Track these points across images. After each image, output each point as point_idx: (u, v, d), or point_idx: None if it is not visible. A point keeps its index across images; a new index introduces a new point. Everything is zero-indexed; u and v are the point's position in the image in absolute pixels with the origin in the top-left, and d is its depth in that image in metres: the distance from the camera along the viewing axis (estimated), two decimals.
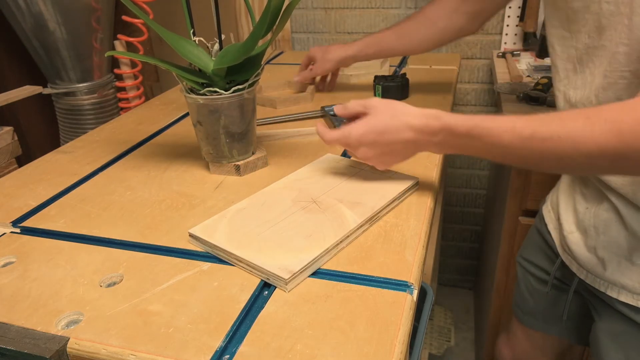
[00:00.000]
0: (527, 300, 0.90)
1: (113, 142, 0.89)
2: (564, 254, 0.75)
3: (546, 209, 0.83)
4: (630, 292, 0.63)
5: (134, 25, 1.44)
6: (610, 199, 0.63)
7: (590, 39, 0.58)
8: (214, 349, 0.43)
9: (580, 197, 0.70)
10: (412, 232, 0.59)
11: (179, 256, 0.56)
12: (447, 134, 0.57)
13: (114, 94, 1.51)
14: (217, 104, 0.69)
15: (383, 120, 0.60)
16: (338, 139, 0.63)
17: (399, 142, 0.60)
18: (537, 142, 0.50)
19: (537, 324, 0.91)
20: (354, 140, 0.61)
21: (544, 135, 0.50)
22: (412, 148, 0.61)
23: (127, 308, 0.48)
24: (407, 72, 1.12)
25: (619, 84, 0.56)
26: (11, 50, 1.44)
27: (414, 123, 0.58)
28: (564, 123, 0.49)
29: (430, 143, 0.59)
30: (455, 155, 1.64)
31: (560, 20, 0.63)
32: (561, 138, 0.49)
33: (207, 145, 0.73)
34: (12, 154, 1.20)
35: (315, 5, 1.53)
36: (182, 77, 0.68)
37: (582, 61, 0.61)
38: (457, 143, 0.57)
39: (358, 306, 0.47)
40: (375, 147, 0.61)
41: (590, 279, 0.69)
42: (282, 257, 0.52)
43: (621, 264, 0.64)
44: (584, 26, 0.59)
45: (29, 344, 0.44)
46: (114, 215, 0.65)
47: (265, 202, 0.63)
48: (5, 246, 0.60)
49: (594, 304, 0.73)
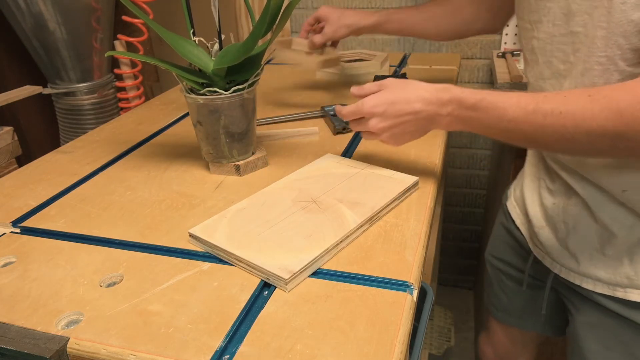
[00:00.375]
0: (501, 298, 0.91)
1: (113, 142, 0.89)
2: (536, 249, 0.76)
3: (511, 204, 0.83)
4: (605, 284, 0.64)
5: (134, 25, 1.44)
6: (580, 192, 0.64)
7: (555, 27, 0.58)
8: (214, 349, 0.43)
9: (547, 193, 0.70)
10: (412, 232, 0.59)
11: (179, 256, 0.56)
12: (456, 106, 0.58)
13: (114, 94, 1.51)
14: (217, 104, 0.69)
15: (394, 92, 0.61)
16: (353, 111, 0.64)
17: (409, 113, 0.60)
18: (539, 116, 0.51)
19: (513, 320, 0.92)
20: (366, 111, 0.62)
21: (545, 110, 0.51)
22: (423, 122, 0.61)
23: (127, 308, 0.48)
24: (407, 72, 1.12)
25: (595, 70, 0.55)
26: (11, 50, 1.44)
27: (424, 94, 0.60)
28: (566, 100, 0.50)
29: (439, 116, 0.60)
30: (455, 155, 1.64)
31: (523, 12, 0.64)
32: (562, 113, 0.50)
33: (207, 145, 0.73)
34: (12, 154, 1.20)
35: (315, 5, 1.53)
36: (182, 77, 0.68)
37: (545, 51, 0.62)
38: (464, 116, 0.58)
39: (358, 306, 0.47)
40: (386, 118, 0.61)
41: (564, 272, 0.70)
42: (282, 257, 0.52)
43: (593, 257, 0.65)
44: (545, 15, 0.59)
45: (29, 344, 0.44)
46: (114, 215, 0.65)
47: (265, 202, 0.63)
48: (5, 246, 0.60)
49: (571, 298, 0.73)
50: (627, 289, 0.63)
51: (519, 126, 0.53)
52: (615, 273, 0.63)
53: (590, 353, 0.70)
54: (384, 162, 0.75)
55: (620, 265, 0.62)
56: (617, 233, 0.61)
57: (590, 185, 0.63)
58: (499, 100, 0.55)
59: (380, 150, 0.80)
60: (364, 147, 0.82)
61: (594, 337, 0.69)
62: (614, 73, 0.54)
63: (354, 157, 0.79)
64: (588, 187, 0.63)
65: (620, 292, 0.63)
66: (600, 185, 0.61)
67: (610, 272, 0.63)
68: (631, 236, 0.61)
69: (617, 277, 0.63)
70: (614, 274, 0.63)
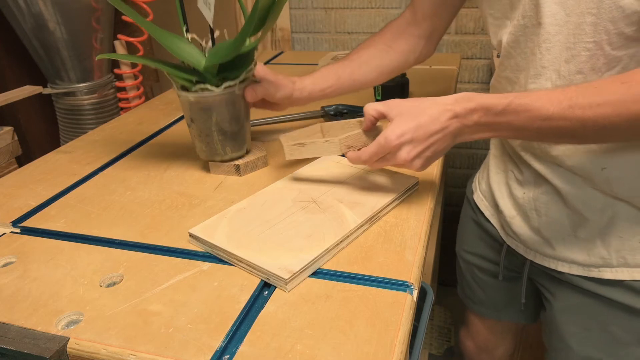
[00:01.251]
0: (476, 291, 0.92)
1: (113, 142, 0.89)
2: (509, 239, 0.77)
3: (478, 198, 0.84)
4: (580, 265, 0.67)
5: (134, 25, 1.43)
6: (550, 180, 0.65)
7: (526, 18, 0.60)
8: (214, 349, 0.43)
9: (516, 184, 0.72)
10: (412, 232, 0.59)
11: (179, 256, 0.56)
12: (482, 113, 0.56)
13: (114, 94, 1.51)
14: (208, 101, 0.69)
15: (413, 114, 0.57)
16: (376, 151, 0.58)
17: (438, 131, 0.57)
18: (578, 111, 0.51)
19: (488, 312, 0.93)
20: (393, 145, 0.57)
21: (583, 104, 0.50)
22: (450, 137, 0.58)
23: (127, 308, 0.48)
24: (407, 72, 1.12)
25: (582, 56, 0.56)
26: (11, 50, 1.44)
27: (447, 107, 0.56)
28: (599, 90, 0.50)
29: (465, 127, 0.57)
30: (455, 155, 1.64)
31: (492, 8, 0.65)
32: (600, 105, 0.49)
33: (200, 142, 0.73)
34: (12, 154, 1.20)
35: (315, 5, 1.53)
36: (173, 75, 0.68)
37: (519, 43, 0.62)
38: (493, 122, 0.56)
39: (358, 306, 0.47)
40: (415, 144, 0.57)
41: (539, 258, 0.72)
42: (282, 257, 0.52)
43: (567, 241, 0.67)
44: (518, 9, 0.61)
45: (29, 344, 0.44)
46: (114, 215, 0.65)
47: (265, 202, 0.63)
48: (5, 246, 0.60)
49: (546, 285, 0.75)
50: (601, 268, 0.65)
51: (556, 123, 0.52)
52: (589, 254, 0.65)
53: (570, 336, 0.72)
54: None
55: (594, 246, 0.64)
56: (589, 216, 0.63)
57: (561, 172, 0.64)
58: (529, 101, 0.53)
59: None
60: None
61: (573, 320, 0.71)
62: (600, 57, 0.55)
63: None
64: (559, 174, 0.64)
65: (594, 271, 0.66)
66: (574, 169, 0.62)
67: (585, 254, 0.66)
68: (602, 218, 0.63)
69: (591, 258, 0.65)
70: (588, 255, 0.65)
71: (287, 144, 0.66)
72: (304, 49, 1.60)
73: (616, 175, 0.60)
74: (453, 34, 1.46)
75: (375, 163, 0.60)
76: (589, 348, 0.70)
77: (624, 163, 0.59)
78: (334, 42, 1.57)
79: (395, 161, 0.58)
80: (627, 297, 0.64)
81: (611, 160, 0.60)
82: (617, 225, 0.62)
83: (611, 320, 0.67)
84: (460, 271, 0.96)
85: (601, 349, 0.69)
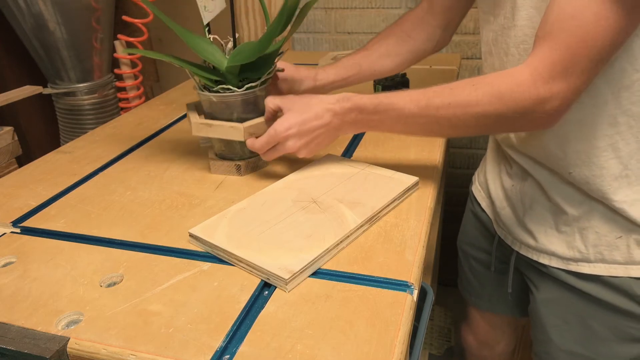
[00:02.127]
0: (472, 283, 0.95)
1: (113, 142, 0.89)
2: (499, 229, 0.80)
3: (476, 189, 0.87)
4: (560, 258, 0.69)
5: (134, 25, 1.43)
6: (533, 175, 0.68)
7: (506, 19, 0.63)
8: (214, 349, 0.43)
9: (506, 177, 0.75)
10: (412, 232, 0.59)
11: (179, 256, 0.56)
12: (358, 112, 0.64)
13: (114, 94, 1.51)
14: (229, 101, 0.69)
15: (301, 110, 0.65)
16: (267, 141, 0.66)
17: (321, 127, 0.65)
18: (432, 110, 0.59)
19: (484, 304, 0.96)
20: (281, 137, 0.65)
21: (437, 103, 0.58)
22: (333, 131, 0.66)
23: (127, 308, 0.48)
24: (407, 72, 1.12)
25: None
26: (11, 50, 1.44)
27: (329, 107, 0.64)
28: (453, 92, 0.58)
29: (345, 123, 0.65)
30: (455, 155, 1.64)
31: (488, 6, 0.67)
32: (451, 105, 0.58)
33: (219, 142, 0.74)
34: (12, 154, 1.20)
35: (315, 5, 1.53)
36: (196, 74, 0.68)
37: (497, 42, 0.66)
38: (367, 119, 0.64)
39: (358, 306, 0.47)
40: (301, 136, 0.65)
41: (523, 249, 0.74)
42: (282, 257, 0.52)
43: (548, 233, 0.69)
44: (502, 9, 0.63)
45: (29, 344, 0.44)
46: (114, 215, 0.65)
47: (266, 202, 0.63)
48: (5, 246, 0.60)
49: (531, 277, 0.77)
50: (579, 263, 0.67)
51: (417, 120, 0.61)
52: (568, 248, 0.67)
53: (551, 328, 0.73)
54: (384, 162, 0.75)
55: (573, 240, 0.66)
56: (568, 211, 0.66)
57: (542, 168, 0.67)
58: (394, 100, 0.61)
59: (380, 151, 0.80)
60: (364, 147, 0.82)
61: (554, 313, 0.73)
62: None
63: (354, 157, 0.79)
64: (540, 170, 0.67)
65: (573, 265, 0.67)
66: (550, 168, 0.66)
67: (564, 247, 0.68)
68: (580, 212, 0.65)
69: (570, 251, 0.67)
70: (567, 248, 0.67)
71: (194, 120, 0.70)
72: (304, 49, 1.60)
73: (583, 178, 0.62)
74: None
75: (268, 153, 0.68)
76: (570, 342, 0.72)
77: (587, 169, 0.62)
78: (334, 42, 1.57)
79: (284, 150, 0.66)
80: (605, 293, 0.65)
81: (575, 166, 0.62)
82: (594, 220, 0.64)
83: (590, 315, 0.68)
84: (460, 264, 0.98)
85: (581, 343, 0.70)
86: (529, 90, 0.53)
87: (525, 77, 0.54)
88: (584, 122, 0.60)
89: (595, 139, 0.60)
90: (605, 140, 0.59)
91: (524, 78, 0.54)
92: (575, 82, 0.53)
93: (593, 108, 0.58)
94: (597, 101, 0.58)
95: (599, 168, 0.61)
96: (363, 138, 0.86)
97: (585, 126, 0.60)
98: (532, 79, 0.53)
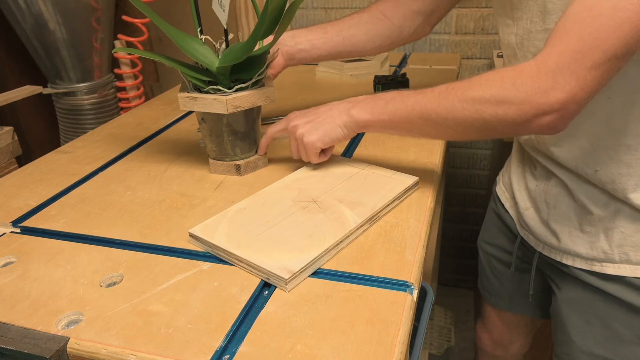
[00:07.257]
0: (492, 282, 0.94)
1: (113, 142, 0.89)
2: (522, 230, 0.79)
3: (500, 189, 0.87)
4: (583, 259, 0.68)
5: (134, 25, 1.43)
6: (558, 175, 0.68)
7: (533, 23, 0.62)
8: (214, 349, 0.43)
9: (530, 176, 0.75)
10: (412, 232, 0.59)
11: (179, 256, 0.56)
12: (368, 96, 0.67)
13: (114, 94, 1.51)
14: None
15: (310, 110, 0.70)
16: (282, 127, 0.71)
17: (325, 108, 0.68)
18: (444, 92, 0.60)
19: (503, 303, 0.95)
20: (293, 119, 0.70)
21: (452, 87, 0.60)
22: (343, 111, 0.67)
23: (127, 308, 0.48)
24: (407, 72, 1.12)
25: None
26: (11, 50, 1.44)
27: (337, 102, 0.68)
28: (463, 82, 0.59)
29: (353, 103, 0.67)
30: (455, 155, 1.64)
31: (505, 9, 0.67)
32: (455, 87, 0.59)
33: (210, 142, 0.73)
34: (12, 154, 1.20)
35: (315, 5, 1.53)
36: (187, 75, 0.68)
37: (522, 46, 0.65)
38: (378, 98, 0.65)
39: (358, 306, 0.47)
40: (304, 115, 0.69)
41: (547, 250, 0.74)
42: (282, 257, 0.52)
43: (572, 234, 0.69)
44: (525, 13, 0.62)
45: (29, 344, 0.44)
46: (114, 215, 0.65)
47: (266, 202, 0.63)
48: (5, 246, 0.60)
49: (553, 277, 0.77)
50: (604, 263, 0.66)
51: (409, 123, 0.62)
52: (592, 248, 0.67)
53: (572, 329, 0.73)
54: (384, 162, 0.75)
55: (597, 240, 0.66)
56: (594, 211, 0.65)
57: (566, 169, 0.67)
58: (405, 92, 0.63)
59: (380, 150, 0.80)
60: (364, 147, 0.82)
61: (576, 313, 0.72)
62: None
63: (354, 157, 0.79)
64: (564, 171, 0.67)
65: (597, 266, 0.67)
66: (574, 169, 0.65)
67: (588, 248, 0.67)
68: (606, 213, 0.64)
69: (594, 252, 0.66)
70: (591, 249, 0.67)
71: (180, 95, 0.71)
72: None
73: (609, 177, 0.62)
74: (453, 34, 1.46)
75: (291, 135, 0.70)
76: (591, 343, 0.71)
77: (614, 167, 0.61)
78: None
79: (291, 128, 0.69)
80: (629, 294, 0.65)
81: (602, 163, 0.62)
82: (620, 220, 0.64)
83: (612, 317, 0.67)
84: (480, 263, 0.97)
85: (602, 344, 0.70)
86: (530, 77, 0.51)
87: (530, 65, 0.52)
88: (614, 117, 0.59)
89: (625, 136, 0.59)
90: (635, 140, 0.59)
91: (529, 66, 0.52)
92: (586, 77, 0.49)
93: (623, 105, 0.57)
94: (627, 99, 0.57)
95: (627, 166, 0.60)
96: (363, 138, 0.86)
97: (615, 122, 0.59)
98: (536, 67, 0.51)
